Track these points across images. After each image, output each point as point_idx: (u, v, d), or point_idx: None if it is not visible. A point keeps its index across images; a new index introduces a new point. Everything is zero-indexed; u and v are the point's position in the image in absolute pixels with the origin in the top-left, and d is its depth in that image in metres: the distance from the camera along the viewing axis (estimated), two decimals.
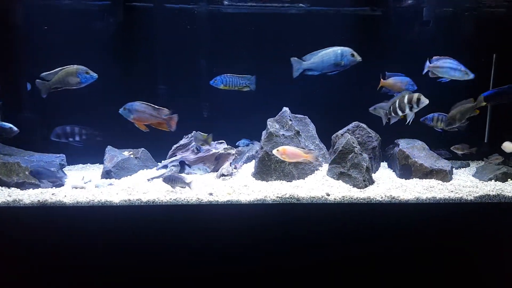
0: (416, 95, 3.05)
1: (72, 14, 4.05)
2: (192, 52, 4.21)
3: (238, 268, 2.94)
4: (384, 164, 4.08)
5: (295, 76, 3.15)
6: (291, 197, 3.02)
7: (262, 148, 3.50)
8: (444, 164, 3.57)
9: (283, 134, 3.55)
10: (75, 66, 3.08)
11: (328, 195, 3.05)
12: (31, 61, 3.98)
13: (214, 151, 3.81)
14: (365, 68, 3.89)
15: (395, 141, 3.94)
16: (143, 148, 4.05)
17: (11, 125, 3.41)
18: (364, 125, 3.77)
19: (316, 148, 3.85)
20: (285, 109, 3.71)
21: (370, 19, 4.21)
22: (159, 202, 2.98)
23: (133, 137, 3.98)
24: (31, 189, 3.27)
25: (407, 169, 3.61)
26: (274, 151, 3.11)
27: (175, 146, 3.93)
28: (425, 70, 3.35)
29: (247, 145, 4.00)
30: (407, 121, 3.14)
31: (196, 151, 3.83)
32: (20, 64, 3.97)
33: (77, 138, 3.40)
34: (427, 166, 3.51)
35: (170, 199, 3.00)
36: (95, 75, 3.15)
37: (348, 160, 3.34)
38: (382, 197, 3.04)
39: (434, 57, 3.31)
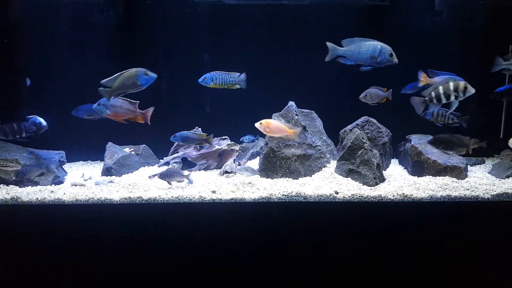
0: (462, 83, 2.94)
1: (71, 9, 3.97)
2: (194, 46, 4.13)
3: (242, 268, 2.86)
4: (394, 161, 3.94)
5: (327, 60, 3.10)
6: (297, 195, 2.93)
7: (267, 144, 3.39)
8: (458, 160, 3.43)
9: None
10: (134, 69, 2.99)
11: (337, 193, 2.93)
12: (31, 57, 3.92)
13: (217, 147, 3.73)
14: None
15: (407, 136, 3.81)
16: (144, 145, 4.00)
17: (41, 120, 3.30)
18: (374, 120, 3.65)
19: (323, 144, 3.73)
20: (291, 103, 3.61)
21: (378, 10, 4.06)
22: (161, 200, 2.91)
23: (135, 133, 3.92)
24: (30, 186, 3.21)
25: (419, 166, 3.47)
26: (257, 124, 3.06)
27: (176, 142, 3.84)
28: (498, 68, 3.17)
29: (252, 141, 3.89)
30: (450, 110, 3.04)
31: (198, 147, 3.74)
32: (19, 59, 3.90)
33: (23, 135, 3.29)
34: (440, 163, 3.38)
35: (172, 196, 2.93)
36: (154, 75, 3.03)
37: (358, 157, 3.21)
38: (394, 196, 2.93)
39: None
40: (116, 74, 2.99)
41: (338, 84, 3.94)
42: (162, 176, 3.05)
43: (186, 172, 3.05)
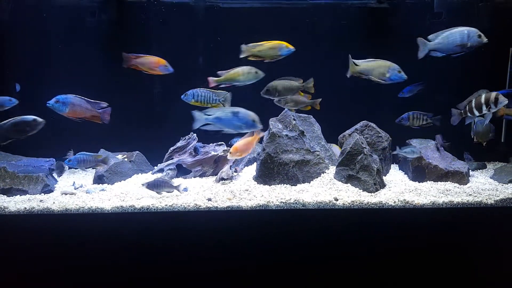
0: (493, 94, 2.97)
1: (62, 12, 3.90)
2: (190, 50, 4.07)
3: (239, 278, 2.77)
4: (394, 166, 3.88)
5: (420, 56, 3.08)
6: (296, 202, 2.85)
7: (264, 149, 3.31)
8: (460, 165, 3.37)
9: (287, 135, 3.35)
10: None
11: (336, 200, 2.85)
12: (20, 62, 3.83)
13: (213, 153, 3.65)
14: None
15: (407, 141, 3.75)
16: (137, 151, 3.92)
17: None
18: (373, 125, 3.60)
19: (322, 149, 3.66)
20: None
21: (377, 12, 4.02)
22: (154, 209, 2.82)
23: (127, 139, 3.83)
24: (19, 195, 3.12)
25: (420, 171, 3.40)
26: (229, 156, 3.09)
27: (172, 148, 3.77)
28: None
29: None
30: (485, 121, 3.11)
31: (193, 153, 3.66)
32: (9, 64, 3.81)
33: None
34: (442, 168, 3.32)
35: (166, 205, 2.84)
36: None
37: (357, 162, 3.13)
38: (395, 202, 2.86)
39: None
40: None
41: (337, 88, 3.87)
42: (150, 186, 2.93)
43: (176, 182, 2.94)
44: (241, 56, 3.02)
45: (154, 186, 2.92)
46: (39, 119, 3.02)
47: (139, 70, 3.24)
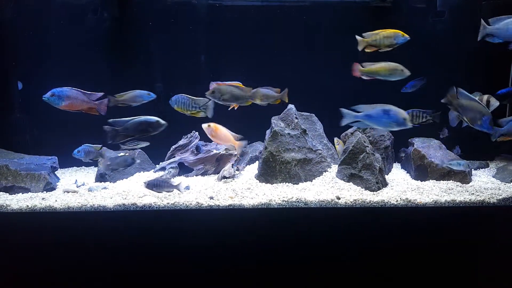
0: (485, 96, 3.01)
1: (63, 10, 3.89)
2: (192, 48, 4.05)
3: (241, 277, 2.77)
4: (396, 165, 3.87)
5: (479, 38, 3.06)
6: (298, 201, 2.84)
7: (266, 148, 3.30)
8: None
9: (289, 133, 3.34)
10: None
11: (339, 198, 2.84)
12: (21, 60, 3.82)
13: (215, 151, 3.63)
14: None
15: (409, 140, 3.73)
16: (139, 149, 3.87)
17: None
18: None
19: (324, 148, 3.65)
20: (291, 106, 3.53)
21: (379, 11, 4.00)
22: (156, 207, 2.81)
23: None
24: (21, 193, 3.11)
25: (422, 170, 3.39)
26: (204, 126, 3.05)
27: (174, 146, 3.76)
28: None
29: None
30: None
31: (195, 152, 3.65)
32: (10, 62, 3.81)
33: None
34: (444, 167, 3.29)
35: (168, 203, 2.83)
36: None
37: (359, 161, 3.12)
38: (397, 201, 2.85)
39: None
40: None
41: (339, 87, 3.86)
42: (149, 185, 2.91)
43: (176, 181, 2.92)
44: (359, 48, 2.97)
45: (153, 185, 2.90)
46: (162, 122, 3.03)
47: None
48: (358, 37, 3.00)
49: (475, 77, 3.22)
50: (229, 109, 3.17)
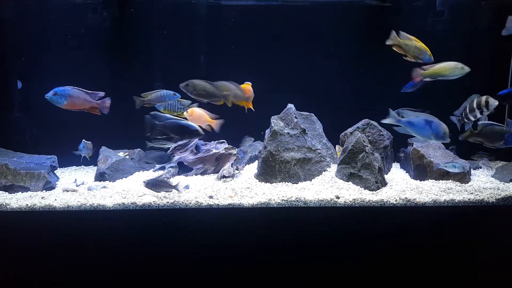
0: (484, 98, 2.99)
1: (63, 9, 3.89)
2: (191, 48, 4.05)
3: (240, 276, 2.77)
4: (396, 165, 3.87)
5: (504, 33, 3.08)
6: (297, 200, 2.84)
7: (265, 147, 3.30)
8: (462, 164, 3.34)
9: (288, 133, 3.35)
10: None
11: (338, 198, 2.85)
12: (21, 59, 3.82)
13: (214, 151, 3.64)
14: (374, 62, 3.70)
15: (409, 140, 3.74)
16: (139, 149, 3.91)
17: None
18: (375, 123, 3.57)
19: (323, 147, 3.65)
20: (290, 105, 3.54)
21: (379, 11, 4.00)
22: (156, 206, 2.81)
23: (129, 136, 3.82)
24: (20, 192, 3.11)
25: (421, 169, 3.39)
26: (185, 113, 3.05)
27: (173, 146, 3.74)
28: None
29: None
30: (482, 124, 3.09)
31: (195, 151, 3.65)
32: (9, 61, 3.80)
33: None
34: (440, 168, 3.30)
35: (167, 202, 2.83)
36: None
37: (359, 160, 3.12)
38: (396, 200, 2.85)
39: None
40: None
41: (338, 86, 3.86)
42: (148, 185, 2.90)
43: (175, 181, 2.91)
44: (387, 42, 2.92)
45: (152, 185, 2.89)
46: (201, 131, 3.04)
47: None
48: (393, 33, 2.94)
49: (475, 77, 3.21)
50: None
